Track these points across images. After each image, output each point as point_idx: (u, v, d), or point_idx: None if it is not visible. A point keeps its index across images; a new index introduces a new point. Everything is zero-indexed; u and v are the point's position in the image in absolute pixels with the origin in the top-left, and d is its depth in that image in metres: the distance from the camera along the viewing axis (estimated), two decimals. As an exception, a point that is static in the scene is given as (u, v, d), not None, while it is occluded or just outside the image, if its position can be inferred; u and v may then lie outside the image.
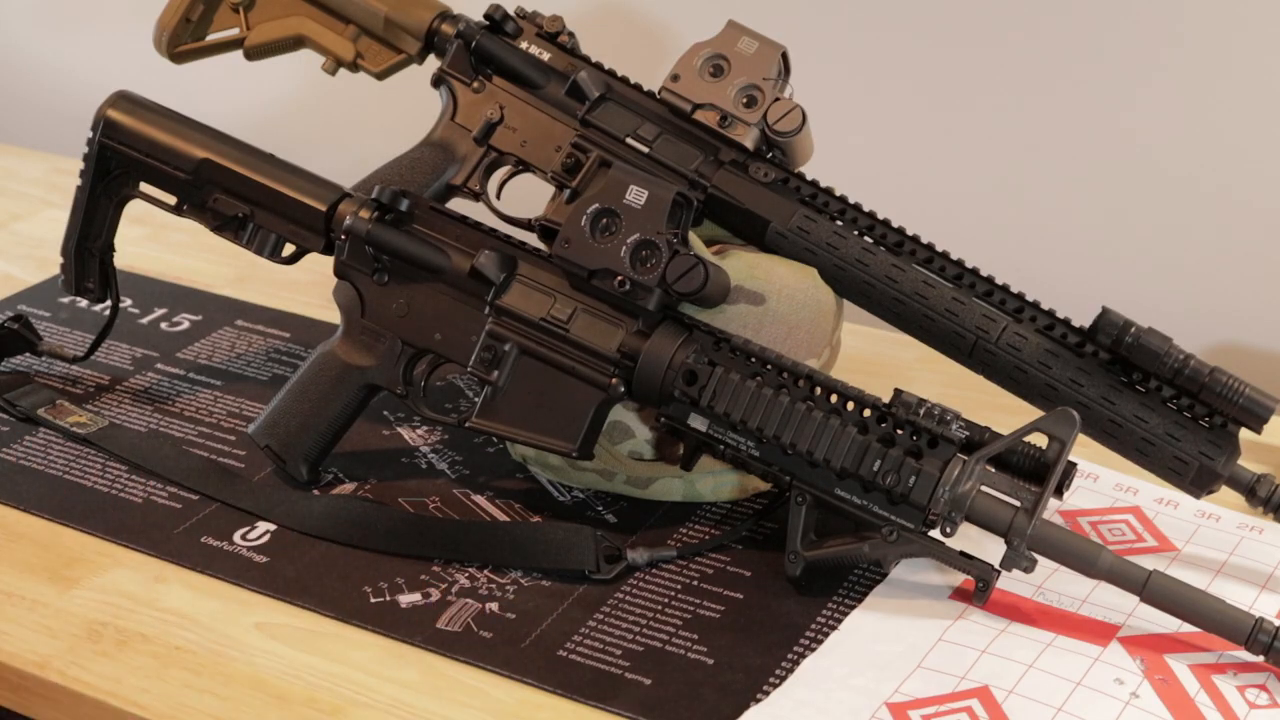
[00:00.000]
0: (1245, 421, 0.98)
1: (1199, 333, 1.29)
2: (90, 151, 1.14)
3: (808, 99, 1.13)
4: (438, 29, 1.19)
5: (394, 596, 1.00)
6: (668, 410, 1.00)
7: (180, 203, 1.13)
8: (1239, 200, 1.29)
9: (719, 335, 1.00)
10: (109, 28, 1.78)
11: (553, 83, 1.16)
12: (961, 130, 1.38)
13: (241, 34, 1.23)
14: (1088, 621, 0.94)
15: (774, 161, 1.11)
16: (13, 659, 0.95)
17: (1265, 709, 0.88)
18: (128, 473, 1.13)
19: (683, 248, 1.00)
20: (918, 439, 0.94)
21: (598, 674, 0.92)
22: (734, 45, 1.12)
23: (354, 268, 1.08)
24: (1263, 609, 0.96)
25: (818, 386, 0.97)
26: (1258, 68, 1.25)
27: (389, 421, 1.20)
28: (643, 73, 1.17)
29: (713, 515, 1.08)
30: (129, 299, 1.38)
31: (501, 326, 1.04)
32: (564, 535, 1.02)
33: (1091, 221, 1.35)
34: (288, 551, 1.04)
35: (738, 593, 0.99)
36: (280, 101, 1.69)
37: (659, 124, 1.13)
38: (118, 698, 0.92)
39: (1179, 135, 1.29)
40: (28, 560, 1.04)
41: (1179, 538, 1.05)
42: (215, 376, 1.27)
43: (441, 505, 1.09)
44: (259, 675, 0.93)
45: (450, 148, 1.17)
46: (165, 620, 0.98)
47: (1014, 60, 1.34)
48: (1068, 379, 1.02)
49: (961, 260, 1.07)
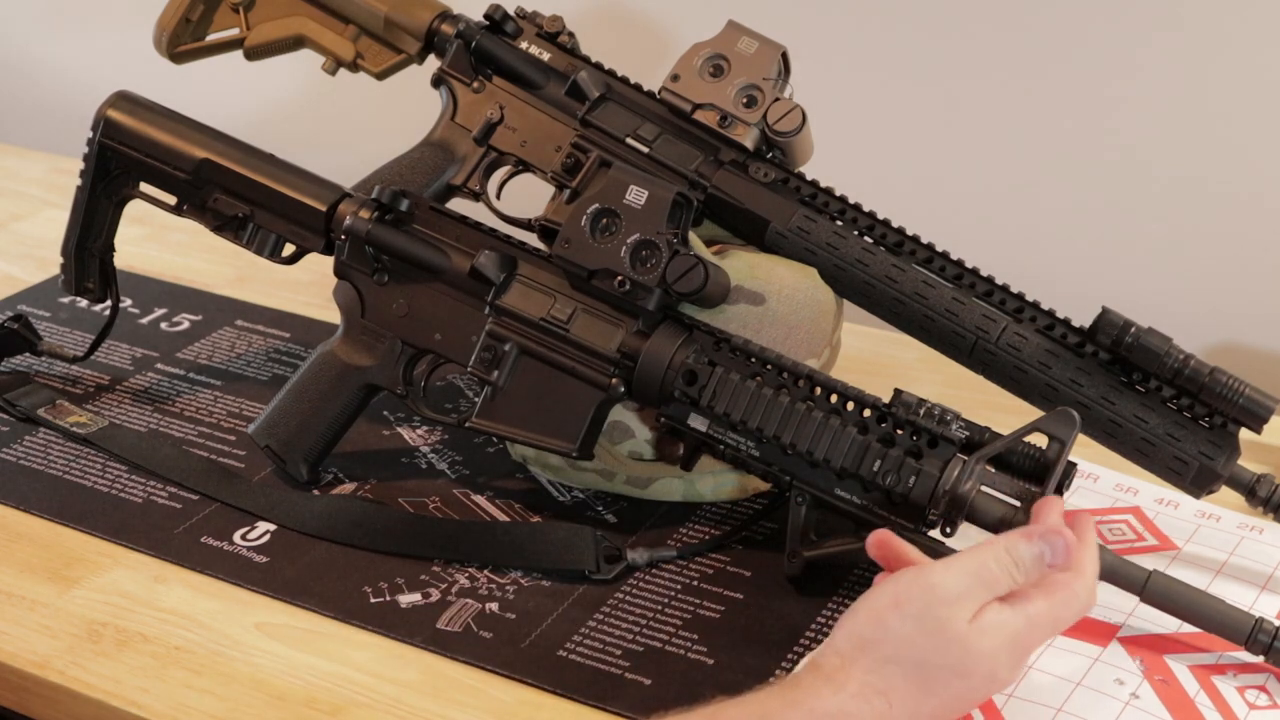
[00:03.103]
0: (1245, 421, 0.98)
1: (1199, 333, 1.29)
2: (90, 151, 1.14)
3: (808, 99, 1.13)
4: (438, 29, 1.19)
5: (394, 596, 1.00)
6: (668, 410, 1.00)
7: (180, 203, 1.13)
8: (1239, 200, 1.29)
9: (719, 335, 1.00)
10: (109, 28, 1.78)
11: (553, 83, 1.16)
12: (961, 130, 1.38)
13: (241, 34, 1.23)
14: (1088, 621, 0.94)
15: (774, 161, 1.11)
16: (13, 659, 0.95)
17: (1265, 709, 0.88)
18: (128, 473, 1.13)
19: (683, 248, 1.00)
20: (918, 439, 0.94)
21: (598, 674, 0.92)
22: (734, 45, 1.12)
23: (354, 268, 1.08)
24: (1263, 609, 0.96)
25: (818, 386, 0.97)
26: (1258, 68, 1.25)
27: (389, 421, 1.20)
28: (643, 73, 1.17)
29: (713, 515, 1.08)
30: (129, 299, 1.38)
31: (501, 326, 1.04)
32: (564, 535, 1.02)
33: (1091, 221, 1.35)
34: (288, 551, 1.04)
35: (738, 593, 0.99)
36: (280, 101, 1.69)
37: (659, 124, 1.13)
38: (117, 698, 0.92)
39: (1179, 135, 1.29)
40: (28, 560, 1.04)
41: (1179, 538, 1.05)
42: (215, 376, 1.27)
43: (441, 505, 1.09)
44: (259, 675, 0.93)
45: (450, 148, 1.17)
46: (165, 620, 0.98)
47: (1014, 60, 1.34)
48: (1068, 379, 1.02)
49: (961, 260, 1.07)
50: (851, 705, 0.79)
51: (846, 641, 0.81)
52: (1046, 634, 0.84)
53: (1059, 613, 0.83)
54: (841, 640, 0.82)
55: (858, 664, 0.80)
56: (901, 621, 0.80)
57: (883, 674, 0.80)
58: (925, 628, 0.80)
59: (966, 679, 0.81)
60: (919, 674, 0.80)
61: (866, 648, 0.80)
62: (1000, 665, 0.81)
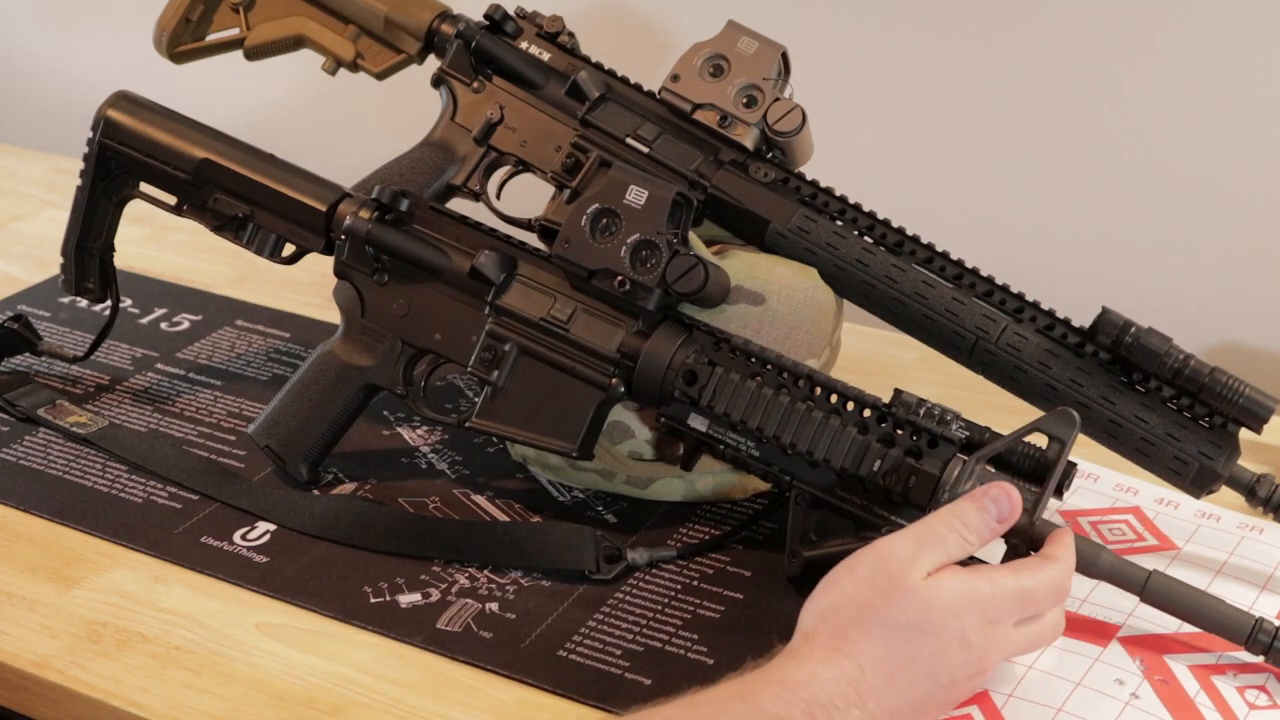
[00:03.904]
0: (1245, 421, 0.98)
1: (1199, 333, 1.29)
2: (90, 151, 1.14)
3: (808, 99, 1.13)
4: (438, 29, 1.18)
5: (394, 596, 1.00)
6: (668, 410, 1.00)
7: (180, 203, 1.13)
8: (1239, 200, 1.29)
9: (719, 335, 1.00)
10: (109, 28, 1.78)
11: (553, 83, 1.16)
12: (961, 130, 1.38)
13: (241, 34, 1.23)
14: (1088, 621, 0.94)
15: (774, 161, 1.11)
16: (13, 659, 0.95)
17: (1265, 709, 0.88)
18: (128, 473, 1.13)
19: (683, 248, 1.00)
20: (918, 439, 0.94)
21: (598, 674, 0.92)
22: (734, 45, 1.12)
23: (354, 268, 1.08)
24: (1263, 609, 0.96)
25: (818, 386, 0.97)
26: (1259, 67, 1.25)
27: (389, 421, 1.20)
28: (643, 73, 1.17)
29: (713, 515, 1.08)
30: (129, 299, 1.38)
31: (501, 326, 1.04)
32: (564, 535, 1.02)
33: (1091, 221, 1.35)
34: (288, 551, 1.04)
35: (738, 593, 0.99)
36: (280, 101, 1.69)
37: (659, 124, 1.13)
38: (117, 698, 0.92)
39: (1180, 135, 1.29)
40: (28, 560, 1.04)
41: (1179, 538, 1.05)
42: (215, 376, 1.27)
43: (441, 505, 1.09)
44: (259, 675, 0.93)
45: (450, 148, 1.17)
46: (165, 620, 0.98)
47: (1014, 60, 1.34)
48: (1068, 379, 1.02)
49: (961, 260, 1.07)
50: (820, 669, 0.80)
51: (809, 617, 0.84)
52: (1016, 605, 0.84)
53: (1025, 582, 0.84)
54: (805, 618, 0.84)
55: (820, 632, 0.82)
56: (856, 586, 0.82)
57: (846, 637, 0.81)
58: (879, 586, 0.82)
59: (935, 637, 0.81)
60: (883, 633, 0.81)
61: (827, 616, 0.82)
62: (969, 627, 0.82)
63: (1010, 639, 0.85)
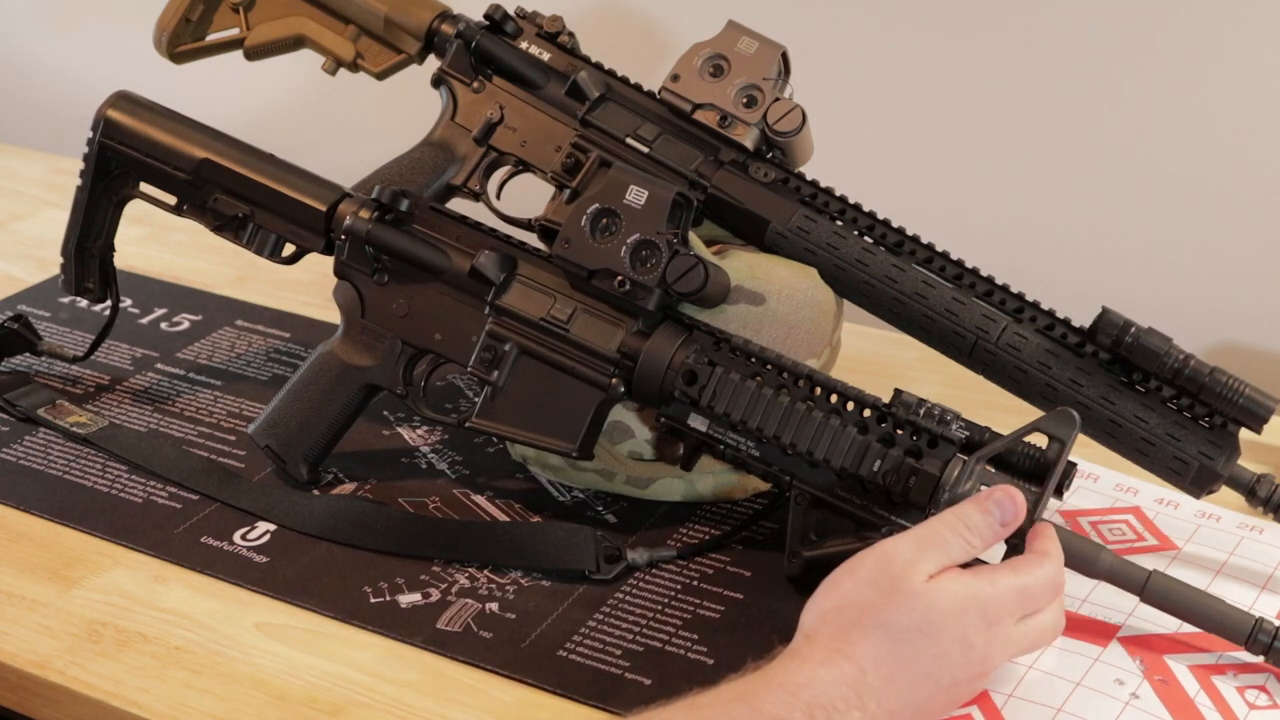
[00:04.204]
0: (1245, 421, 0.98)
1: (1199, 333, 1.29)
2: (90, 151, 1.14)
3: (808, 99, 1.13)
4: (438, 29, 1.18)
5: (394, 596, 1.00)
6: (668, 410, 1.00)
7: (180, 203, 1.13)
8: (1239, 200, 1.29)
9: (719, 335, 1.00)
10: (109, 28, 1.78)
11: (553, 83, 1.16)
12: (961, 130, 1.38)
13: (241, 34, 1.23)
14: (1087, 621, 0.94)
15: (774, 161, 1.11)
16: (13, 659, 0.95)
17: (1265, 710, 0.88)
18: (128, 473, 1.13)
19: (683, 248, 1.00)
20: (918, 439, 0.94)
21: (598, 674, 0.92)
22: (734, 45, 1.12)
23: (354, 268, 1.08)
24: (1263, 609, 0.96)
25: (818, 386, 0.97)
26: (1259, 67, 1.25)
27: (389, 421, 1.20)
28: (643, 73, 1.17)
29: (713, 515, 1.08)
30: (129, 299, 1.38)
31: (501, 326, 1.04)
32: (564, 535, 1.02)
33: (1091, 221, 1.35)
34: (288, 551, 1.04)
35: (738, 593, 0.99)
36: (280, 101, 1.69)
37: (659, 124, 1.13)
38: (117, 698, 0.92)
39: (1180, 135, 1.29)
40: (28, 560, 1.04)
41: (1179, 538, 1.05)
42: (215, 376, 1.27)
43: (441, 505, 1.09)
44: (259, 675, 0.93)
45: (450, 148, 1.17)
46: (165, 620, 0.98)
47: (1014, 60, 1.34)
48: (1068, 379, 1.02)
49: (961, 260, 1.07)
50: (821, 671, 0.80)
51: (810, 619, 0.84)
52: (1017, 604, 0.84)
53: (1025, 580, 0.84)
54: (806, 620, 0.84)
55: (821, 634, 0.82)
56: (858, 588, 0.82)
57: (847, 638, 0.81)
58: (881, 588, 0.82)
59: (937, 639, 0.81)
60: (884, 635, 0.81)
61: (828, 618, 0.82)
62: (971, 628, 0.82)
63: (1012, 639, 0.85)
